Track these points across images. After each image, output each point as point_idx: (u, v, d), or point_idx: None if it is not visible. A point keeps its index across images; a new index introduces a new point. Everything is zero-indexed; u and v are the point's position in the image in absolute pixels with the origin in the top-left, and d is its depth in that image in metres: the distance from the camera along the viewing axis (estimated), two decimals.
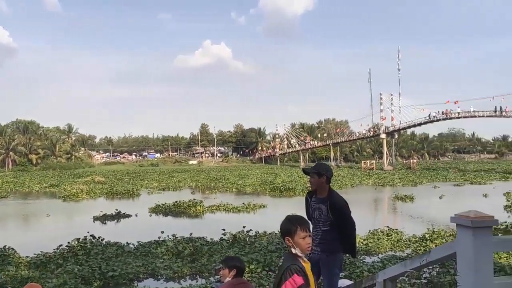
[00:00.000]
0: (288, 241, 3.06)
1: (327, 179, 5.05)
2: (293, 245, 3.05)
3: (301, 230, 3.07)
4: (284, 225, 3.13)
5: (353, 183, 46.41)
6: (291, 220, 3.14)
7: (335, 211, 4.93)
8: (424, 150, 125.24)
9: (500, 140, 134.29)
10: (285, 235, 3.08)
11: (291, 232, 3.06)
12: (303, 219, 3.18)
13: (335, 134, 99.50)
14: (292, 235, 3.05)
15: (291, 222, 3.11)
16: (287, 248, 3.15)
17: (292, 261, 3.02)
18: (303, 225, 3.11)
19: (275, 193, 36.72)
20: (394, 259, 12.25)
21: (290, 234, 3.05)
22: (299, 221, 3.13)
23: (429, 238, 14.92)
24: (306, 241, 3.08)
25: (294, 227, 3.07)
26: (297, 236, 3.05)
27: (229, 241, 14.92)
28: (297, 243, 3.05)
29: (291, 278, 2.91)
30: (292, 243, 3.05)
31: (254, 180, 49.66)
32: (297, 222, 3.11)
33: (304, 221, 3.19)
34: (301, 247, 3.05)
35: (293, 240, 3.05)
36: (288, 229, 3.08)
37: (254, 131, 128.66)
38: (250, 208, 26.47)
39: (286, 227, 3.11)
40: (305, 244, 3.07)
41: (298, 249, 3.05)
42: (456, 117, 70.12)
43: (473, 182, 45.94)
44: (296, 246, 3.04)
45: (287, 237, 3.07)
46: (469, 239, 4.19)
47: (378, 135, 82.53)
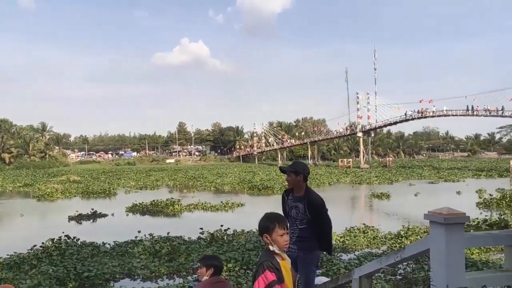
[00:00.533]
0: (266, 238, 3.09)
1: (304, 177, 5.09)
2: (270, 242, 3.07)
3: (279, 228, 3.09)
4: (262, 223, 3.15)
5: (331, 181, 46.75)
6: (269, 217, 3.17)
7: (312, 209, 4.96)
8: (400, 148, 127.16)
9: (472, 139, 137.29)
10: (263, 232, 3.11)
11: (269, 229, 3.08)
12: (281, 216, 3.21)
13: (313, 132, 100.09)
14: (270, 233, 3.08)
15: (269, 220, 3.13)
16: (265, 246, 3.17)
17: (266, 258, 3.05)
18: (281, 222, 3.14)
19: (253, 192, 36.76)
20: (370, 256, 12.41)
21: (268, 231, 3.08)
22: (277, 219, 3.15)
23: (404, 235, 15.17)
24: (284, 239, 3.10)
25: (272, 224, 3.09)
26: (275, 234, 3.07)
27: (207, 240, 14.88)
28: (275, 240, 3.07)
29: (263, 275, 2.96)
30: (270, 240, 3.07)
31: (232, 179, 49.57)
32: (275, 220, 3.13)
33: (282, 218, 3.22)
34: (278, 244, 3.08)
35: (271, 238, 3.07)
36: (266, 226, 3.10)
37: (232, 130, 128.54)
38: (228, 207, 26.41)
39: (264, 224, 3.13)
40: (282, 242, 3.09)
41: (276, 246, 3.07)
42: (431, 116, 71.41)
43: (447, 180, 46.84)
44: (274, 243, 3.07)
45: (265, 234, 3.10)
46: (441, 235, 4.28)
47: (355, 133, 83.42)
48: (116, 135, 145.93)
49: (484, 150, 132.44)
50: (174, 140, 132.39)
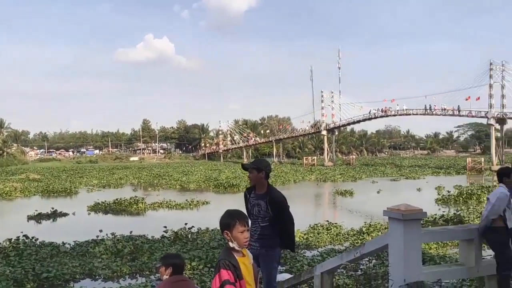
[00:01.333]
0: (226, 235, 3.09)
1: (266, 174, 5.10)
2: (231, 239, 3.08)
3: (239, 224, 3.09)
4: (223, 219, 3.15)
5: (296, 179, 47.18)
6: (230, 214, 3.16)
7: (274, 206, 4.99)
8: (363, 146, 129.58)
9: (432, 137, 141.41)
10: (224, 229, 3.11)
11: (230, 226, 3.07)
12: (242, 213, 3.21)
13: (278, 130, 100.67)
14: (230, 229, 3.07)
15: (230, 216, 3.13)
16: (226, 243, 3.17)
17: (224, 256, 3.08)
18: (242, 219, 3.14)
19: (219, 190, 36.69)
20: (333, 252, 12.60)
21: (229, 228, 3.07)
22: (238, 215, 3.16)
23: (366, 231, 15.45)
24: (244, 235, 3.11)
25: (233, 221, 3.09)
26: (236, 230, 3.07)
27: (171, 239, 14.76)
28: (235, 237, 3.07)
29: (218, 273, 2.99)
30: (231, 237, 3.07)
31: (198, 177, 49.32)
32: (236, 216, 3.13)
33: (243, 215, 3.23)
34: (239, 241, 3.08)
35: (231, 234, 3.07)
36: (227, 223, 3.10)
37: (197, 127, 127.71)
38: (193, 205, 26.27)
39: (225, 221, 3.13)
40: (243, 238, 3.09)
41: (236, 243, 3.08)
42: (393, 115, 73.01)
43: (408, 177, 48.08)
44: (234, 240, 3.07)
45: (226, 231, 3.09)
46: (400, 231, 4.39)
47: (319, 131, 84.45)
48: (78, 132, 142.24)
49: (443, 148, 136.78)
50: (138, 138, 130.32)
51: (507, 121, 61.70)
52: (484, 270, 5.03)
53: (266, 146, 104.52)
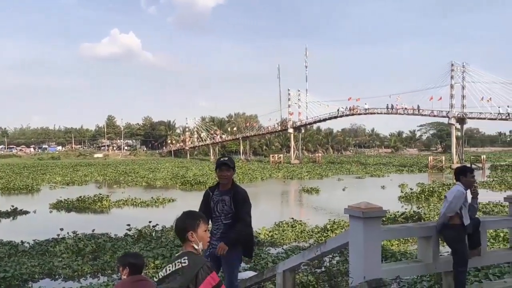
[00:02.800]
0: (191, 236, 2.91)
1: (234, 171, 5.15)
2: (196, 240, 2.92)
3: (203, 224, 2.99)
4: (186, 220, 2.98)
5: (263, 176, 47.33)
6: (193, 214, 3.05)
7: (238, 201, 4.97)
8: (329, 144, 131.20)
9: (396, 136, 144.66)
10: (188, 230, 2.92)
11: (195, 226, 2.93)
12: (202, 213, 3.15)
13: (245, 128, 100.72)
14: (196, 229, 2.92)
15: (194, 216, 3.00)
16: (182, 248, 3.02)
17: (201, 259, 2.90)
18: (204, 218, 3.06)
19: (186, 187, 36.42)
20: (297, 249, 12.68)
21: (194, 228, 2.92)
22: (199, 215, 3.07)
23: (330, 229, 15.64)
24: (208, 234, 3.03)
25: (197, 220, 2.96)
26: (201, 229, 2.94)
27: (135, 237, 14.54)
28: (201, 237, 2.94)
29: (210, 276, 2.78)
30: (196, 238, 2.92)
31: (165, 174, 48.82)
32: (199, 215, 3.04)
33: (203, 215, 3.16)
34: (204, 241, 2.96)
35: (196, 235, 2.92)
36: (191, 223, 2.94)
37: (163, 124, 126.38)
38: (159, 203, 26.00)
39: (188, 222, 2.96)
40: (207, 237, 3.00)
41: (201, 243, 2.95)
42: (358, 114, 74.10)
43: (373, 175, 48.98)
44: (199, 240, 2.93)
45: (191, 232, 2.92)
46: (360, 229, 4.44)
47: (286, 129, 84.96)
48: (39, 128, 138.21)
49: (406, 147, 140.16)
50: (103, 134, 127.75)
51: (467, 120, 63.62)
52: (441, 266, 5.15)
53: (233, 144, 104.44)
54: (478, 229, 5.26)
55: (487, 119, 60.44)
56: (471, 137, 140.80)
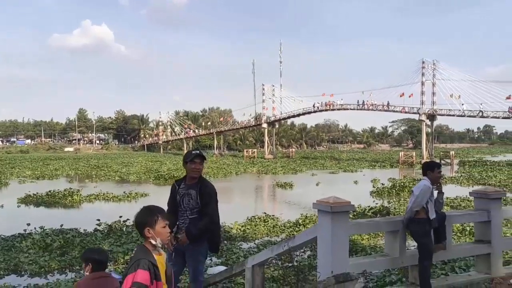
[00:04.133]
0: (148, 232, 2.93)
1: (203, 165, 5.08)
2: (153, 236, 2.92)
3: (162, 219, 2.97)
4: (144, 216, 2.98)
5: (238, 171, 47.32)
6: (151, 209, 3.03)
7: (205, 196, 4.88)
8: (303, 139, 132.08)
9: (368, 132, 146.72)
10: (145, 226, 2.94)
11: (152, 222, 2.93)
12: (161, 208, 3.11)
13: (219, 123, 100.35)
14: (153, 225, 2.93)
15: (152, 212, 2.99)
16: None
17: (143, 256, 2.89)
18: (163, 214, 3.04)
19: (160, 182, 36.07)
20: (269, 244, 12.69)
21: (151, 224, 2.93)
22: (159, 210, 3.04)
23: (302, 223, 15.72)
24: (167, 230, 3.00)
25: (155, 216, 2.96)
26: (159, 225, 2.94)
27: (104, 232, 14.30)
28: (159, 233, 2.94)
29: (135, 273, 2.78)
30: (153, 234, 2.92)
31: (138, 168, 48.29)
32: (157, 212, 3.01)
33: (163, 210, 3.12)
34: (162, 237, 2.96)
35: (154, 231, 2.93)
36: (149, 219, 2.95)
37: (136, 118, 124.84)
38: (131, 197, 25.69)
39: (146, 217, 2.97)
40: (166, 233, 2.99)
41: (159, 239, 2.94)
42: (332, 109, 74.69)
43: (346, 170, 49.51)
44: (157, 236, 2.93)
45: (147, 228, 2.93)
46: (328, 223, 4.45)
47: (260, 124, 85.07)
48: (7, 121, 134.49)
49: (378, 143, 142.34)
50: (74, 128, 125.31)
51: (437, 117, 64.92)
52: (407, 260, 5.23)
53: (207, 138, 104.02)
54: (444, 223, 5.35)
55: (456, 115, 61.78)
56: (441, 133, 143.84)
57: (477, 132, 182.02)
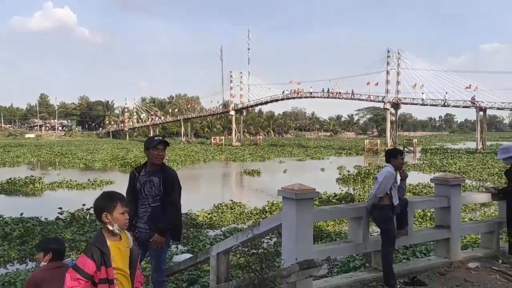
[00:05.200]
0: (105, 217, 2.92)
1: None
2: (110, 221, 2.91)
3: (120, 205, 2.96)
4: (102, 201, 2.97)
5: (206, 158, 47.13)
6: (110, 195, 3.02)
7: (169, 182, 4.74)
8: (270, 127, 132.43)
9: (334, 120, 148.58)
10: (103, 211, 2.93)
11: (111, 207, 2.92)
12: (121, 194, 3.10)
13: (186, 109, 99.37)
14: (111, 211, 2.92)
15: (110, 197, 2.99)
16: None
17: (95, 241, 2.92)
18: (122, 200, 3.01)
19: (126, 169, 35.45)
20: (235, 231, 12.72)
21: (109, 209, 2.92)
22: (118, 196, 3.02)
23: (268, 210, 15.82)
24: (125, 216, 2.99)
25: (114, 202, 2.95)
26: (117, 211, 2.93)
27: (67, 220, 13.98)
28: (116, 219, 2.93)
29: (81, 258, 2.83)
30: (111, 219, 2.91)
31: (104, 155, 47.46)
32: (116, 197, 3.00)
33: (123, 196, 3.10)
34: (120, 222, 2.94)
35: (111, 216, 2.91)
36: (108, 205, 2.94)
37: (101, 104, 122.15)
38: (96, 185, 25.24)
39: (104, 203, 2.96)
40: (124, 220, 2.97)
41: (117, 225, 2.93)
42: (299, 97, 75.07)
43: (313, 158, 50.01)
44: (115, 222, 2.92)
45: (105, 213, 2.92)
46: (292, 210, 4.45)
47: (227, 111, 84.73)
48: None
49: (344, 130, 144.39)
50: (35, 114, 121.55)
51: (401, 106, 66.30)
52: (371, 246, 5.30)
53: (174, 125, 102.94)
54: (406, 209, 5.45)
55: (419, 104, 63.29)
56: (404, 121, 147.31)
57: (439, 121, 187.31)
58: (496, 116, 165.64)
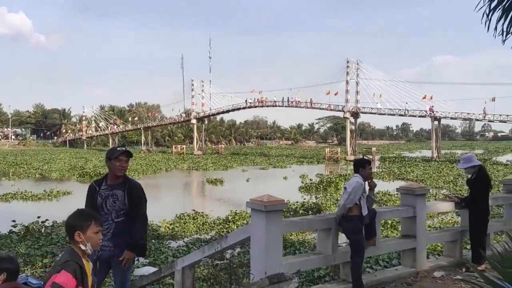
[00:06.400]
0: (78, 236, 2.75)
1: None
2: (83, 241, 2.76)
3: (95, 224, 2.82)
4: (76, 220, 2.82)
5: (168, 167, 46.50)
6: (85, 213, 2.91)
7: (135, 195, 4.48)
8: (232, 136, 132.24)
9: (295, 128, 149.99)
10: (76, 230, 2.77)
11: (84, 226, 2.78)
12: (96, 213, 2.96)
13: (147, 118, 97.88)
14: (84, 230, 2.77)
15: (85, 216, 2.85)
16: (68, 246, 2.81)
17: (71, 256, 2.72)
18: (97, 219, 2.88)
19: (85, 179, 34.48)
20: (198, 242, 12.50)
21: (83, 228, 2.77)
22: (93, 215, 2.91)
23: (232, 220, 15.64)
24: (99, 236, 2.86)
25: (88, 220, 2.80)
26: (91, 230, 2.79)
27: (21, 234, 13.30)
28: (90, 238, 2.78)
29: (58, 273, 2.60)
30: (83, 238, 2.76)
31: (61, 165, 46.07)
32: (92, 216, 2.88)
33: (98, 215, 2.99)
34: (93, 242, 2.81)
35: (85, 235, 2.76)
36: (81, 223, 2.79)
37: (57, 112, 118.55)
38: (52, 196, 24.45)
39: (78, 221, 2.81)
40: (97, 239, 2.85)
41: (90, 244, 2.78)
42: (261, 106, 75.39)
43: (276, 166, 50.16)
44: (87, 241, 2.77)
45: (78, 232, 2.76)
46: (262, 223, 4.33)
47: (189, 120, 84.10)
48: None
49: (305, 139, 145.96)
50: None
51: (360, 115, 67.76)
52: (339, 257, 5.24)
53: (134, 134, 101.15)
54: (375, 220, 5.43)
55: (378, 114, 64.86)
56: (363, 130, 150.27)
57: (396, 130, 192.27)
58: (449, 125, 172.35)
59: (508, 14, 4.14)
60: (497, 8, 4.17)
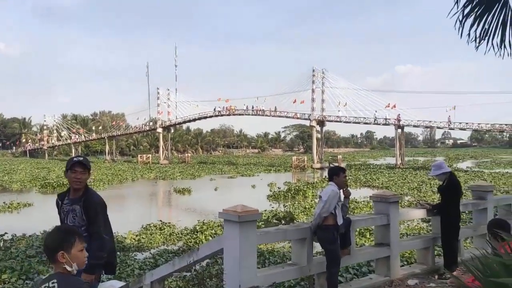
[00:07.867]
0: (62, 256, 2.46)
1: (89, 174, 4.28)
2: (68, 261, 2.47)
3: (79, 241, 2.55)
4: (57, 239, 2.51)
5: (134, 177, 45.59)
6: (66, 231, 2.61)
7: (90, 210, 4.08)
8: (198, 144, 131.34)
9: (262, 137, 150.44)
10: (59, 250, 2.47)
11: (68, 245, 2.49)
12: (76, 229, 2.66)
13: (111, 127, 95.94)
14: (69, 249, 2.48)
15: (67, 234, 2.55)
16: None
17: (75, 282, 2.50)
18: (80, 235, 2.62)
19: (47, 190, 33.40)
20: (166, 253, 12.18)
21: (67, 247, 2.48)
22: (74, 231, 2.65)
23: (199, 230, 15.34)
24: (84, 254, 2.59)
25: (72, 238, 2.52)
26: (75, 249, 2.52)
27: None
28: (75, 257, 2.51)
29: None
30: (68, 258, 2.47)
31: (22, 176, 44.50)
32: (73, 232, 2.60)
33: (79, 231, 2.72)
34: (79, 261, 2.53)
35: (69, 255, 2.48)
36: (64, 242, 2.49)
37: (17, 121, 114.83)
38: (13, 207, 23.47)
39: (60, 241, 2.50)
40: (83, 257, 2.57)
41: (75, 264, 2.50)
42: (229, 114, 75.12)
43: (244, 175, 49.93)
44: (73, 261, 2.49)
45: (62, 252, 2.46)
46: (235, 234, 4.16)
47: (154, 129, 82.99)
48: None
49: (272, 147, 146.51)
50: None
51: (326, 123, 68.48)
52: (315, 268, 5.11)
53: (98, 143, 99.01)
54: (349, 229, 5.34)
55: (343, 122, 65.78)
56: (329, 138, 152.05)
57: (360, 138, 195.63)
58: (412, 133, 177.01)
59: (481, 21, 4.16)
60: (469, 15, 4.18)
